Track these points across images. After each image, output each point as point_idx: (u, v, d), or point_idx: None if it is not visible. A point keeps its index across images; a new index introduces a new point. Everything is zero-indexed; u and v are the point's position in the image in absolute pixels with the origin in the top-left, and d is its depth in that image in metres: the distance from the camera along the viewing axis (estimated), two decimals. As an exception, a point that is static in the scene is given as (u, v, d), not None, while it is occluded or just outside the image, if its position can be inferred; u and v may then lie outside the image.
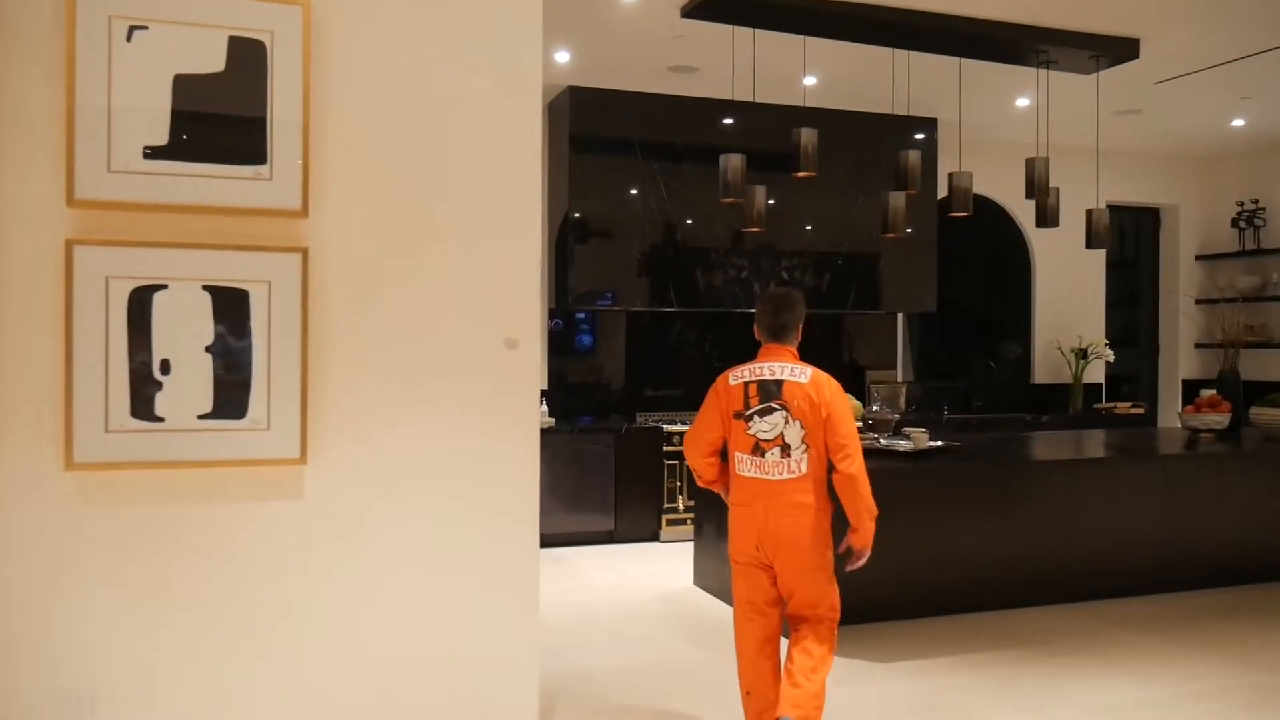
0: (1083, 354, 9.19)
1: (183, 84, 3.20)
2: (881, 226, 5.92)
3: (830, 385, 3.58)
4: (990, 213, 9.28)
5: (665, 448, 7.46)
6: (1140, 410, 9.01)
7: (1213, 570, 6.12)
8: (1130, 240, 10.54)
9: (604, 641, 5.14)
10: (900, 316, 8.92)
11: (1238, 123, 8.47)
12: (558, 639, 5.13)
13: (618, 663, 4.82)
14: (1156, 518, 5.97)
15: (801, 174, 5.39)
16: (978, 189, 9.07)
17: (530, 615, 3.60)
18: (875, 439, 5.75)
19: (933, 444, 5.76)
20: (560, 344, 7.95)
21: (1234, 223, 9.61)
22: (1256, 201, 9.47)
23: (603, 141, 7.47)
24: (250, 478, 3.27)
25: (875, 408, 5.80)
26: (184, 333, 3.19)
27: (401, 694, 3.45)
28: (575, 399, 7.96)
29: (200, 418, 3.21)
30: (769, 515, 3.55)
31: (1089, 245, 6.33)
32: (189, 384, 3.19)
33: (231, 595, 3.27)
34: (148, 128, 3.16)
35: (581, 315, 8.02)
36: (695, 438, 3.75)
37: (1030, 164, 5.95)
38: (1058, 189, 6.21)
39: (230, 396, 3.23)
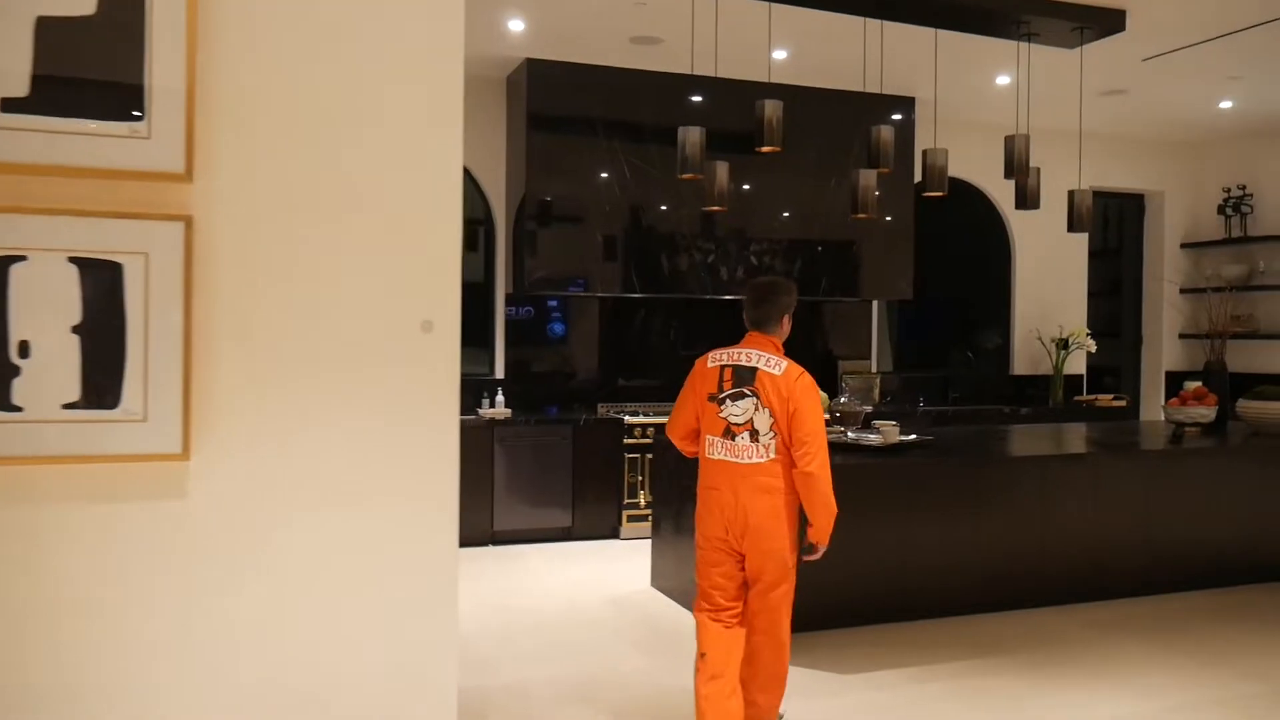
0: (1064, 344, 8.88)
1: (47, 27, 2.80)
2: (852, 206, 5.56)
3: (801, 382, 3.58)
4: (970, 198, 8.96)
5: (626, 440, 7.10)
6: (1123, 403, 8.71)
7: (1199, 571, 5.81)
8: (1113, 227, 10.24)
9: (547, 650, 4.78)
10: (876, 305, 8.58)
11: (1225, 104, 8.16)
12: (496, 648, 4.78)
13: (557, 674, 4.46)
14: (1140, 516, 5.65)
15: (766, 149, 5.03)
16: (957, 172, 8.76)
17: (448, 625, 3.23)
18: (843, 433, 5.41)
19: (904, 438, 5.42)
20: (519, 332, 7.57)
21: (1220, 209, 9.32)
22: (1244, 188, 9.17)
23: (563, 120, 7.09)
24: (124, 475, 2.89)
25: (844, 400, 5.45)
26: (46, 310, 2.80)
27: (301, 717, 3.08)
28: (535, 389, 7.59)
29: (65, 407, 2.82)
30: (739, 498, 3.56)
31: (1071, 228, 5.99)
32: (52, 369, 2.80)
33: (103, 608, 2.89)
34: (5, 77, 2.77)
35: (551, 303, 7.64)
36: (673, 421, 3.82)
37: (1010, 141, 5.60)
38: (1038, 169, 5.87)
39: (100, 383, 2.84)
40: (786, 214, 7.64)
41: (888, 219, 7.94)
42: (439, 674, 3.22)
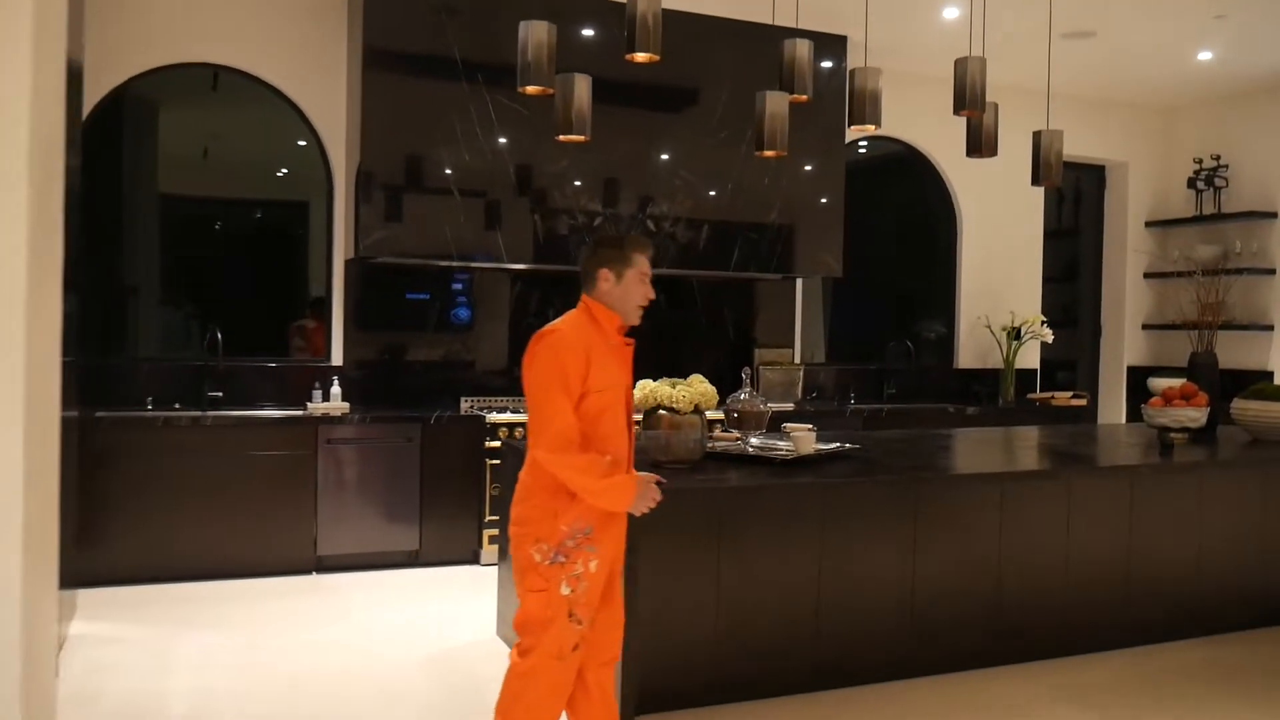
0: (1016, 334, 7.70)
1: None
2: (756, 142, 4.27)
3: (544, 343, 2.81)
4: (913, 167, 7.76)
5: (489, 442, 5.76)
6: (1082, 401, 7.56)
7: (1195, 614, 4.63)
8: (1069, 204, 9.10)
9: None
10: (800, 285, 7.32)
11: (1204, 56, 7.01)
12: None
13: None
14: (1121, 549, 4.44)
15: (639, 56, 3.72)
16: (898, 131, 7.54)
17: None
18: (738, 440, 4.13)
19: (821, 447, 4.16)
20: (361, 314, 6.19)
21: (1191, 183, 8.20)
22: (1218, 158, 8.06)
23: (409, 56, 5.72)
24: None
25: (744, 395, 4.16)
26: None
27: None
28: (389, 380, 6.22)
29: None
30: None
31: (1036, 180, 4.76)
32: None
33: None
34: None
35: (455, 285, 6.26)
36: None
37: (962, 67, 4.35)
38: (996, 105, 4.64)
39: None
40: (692, 171, 6.35)
41: (822, 200, 6.69)
42: None
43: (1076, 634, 4.34)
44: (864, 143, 7.79)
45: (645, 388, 3.66)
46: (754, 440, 4.26)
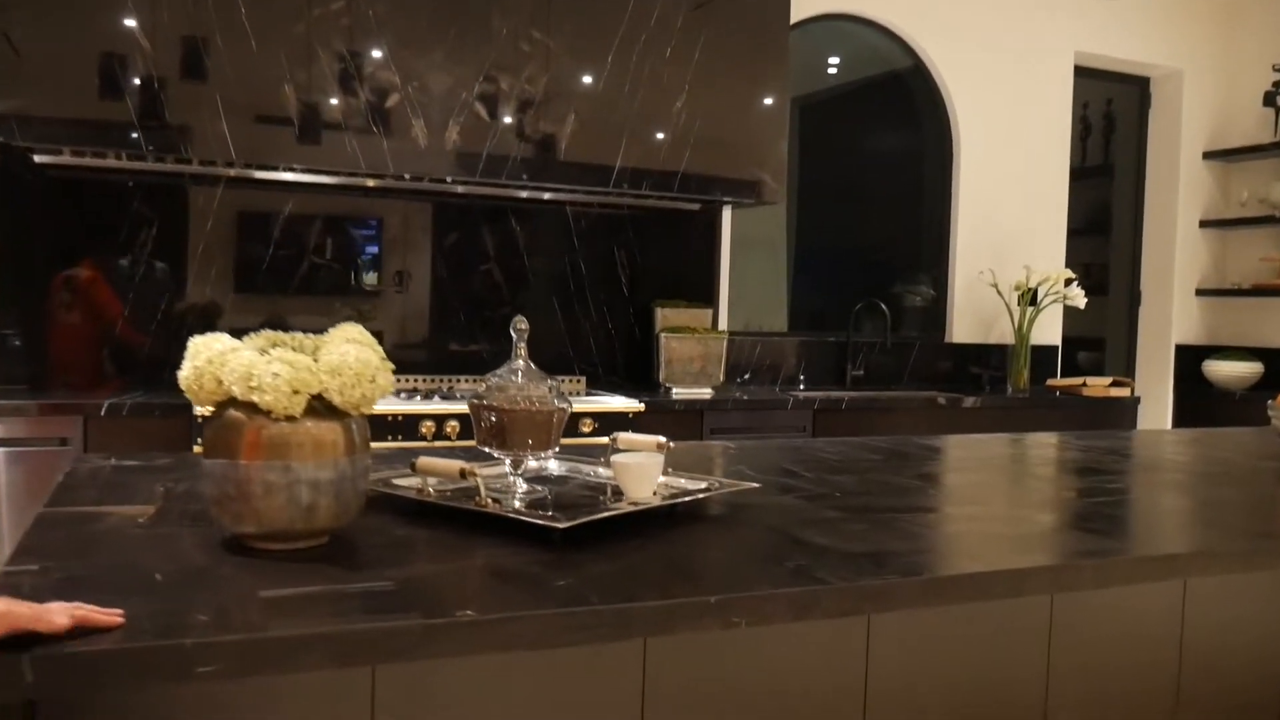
0: (1031, 297, 5.57)
1: None
2: None
3: None
4: (903, 92, 5.62)
5: (197, 446, 3.61)
6: (1125, 391, 5.43)
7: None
8: (1097, 134, 6.98)
9: None
10: (728, 216, 5.15)
11: (1315, -103, 4.88)
12: None
13: None
14: (1268, 681, 2.32)
15: None
16: (874, 10, 5.41)
17: None
18: (504, 468, 1.95)
19: (684, 485, 2.01)
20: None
21: (1269, 99, 6.07)
22: (1308, 63, 5.94)
23: None
24: None
25: (516, 376, 1.95)
26: None
27: None
28: (79, 352, 4.08)
29: None
30: None
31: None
32: None
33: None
34: None
35: (370, 228, 4.08)
36: None
37: None
38: None
39: None
40: (555, 44, 4.19)
41: (755, 95, 4.54)
42: None
43: None
44: (834, 63, 5.67)
45: (200, 354, 1.50)
46: (551, 464, 2.12)
